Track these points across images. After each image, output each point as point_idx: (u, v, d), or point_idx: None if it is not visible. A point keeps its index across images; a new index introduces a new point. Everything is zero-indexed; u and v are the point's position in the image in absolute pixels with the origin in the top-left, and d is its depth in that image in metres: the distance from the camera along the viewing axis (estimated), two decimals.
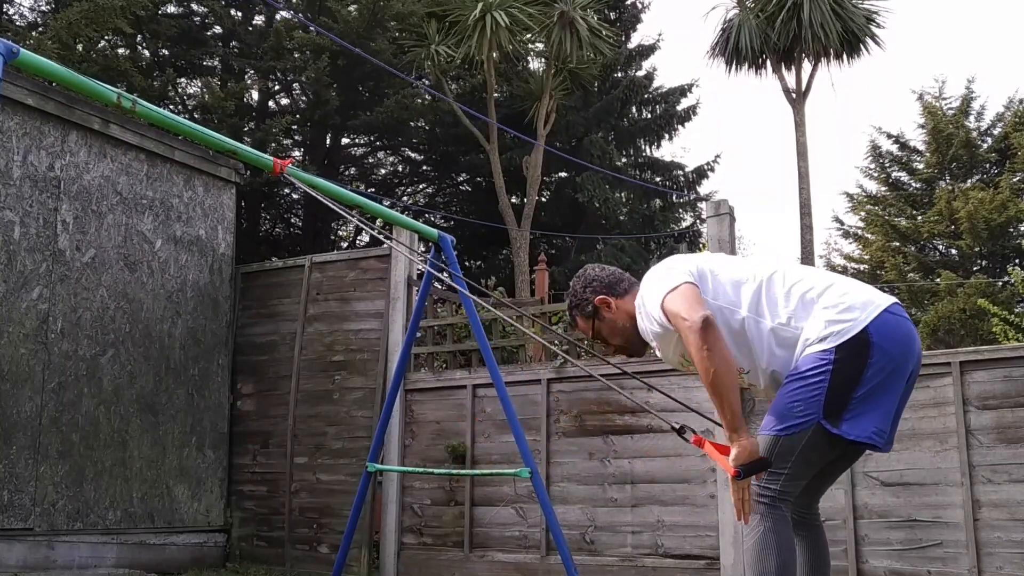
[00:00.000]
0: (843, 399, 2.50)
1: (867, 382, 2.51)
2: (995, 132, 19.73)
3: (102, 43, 11.90)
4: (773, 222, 47.21)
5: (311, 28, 13.14)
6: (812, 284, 2.67)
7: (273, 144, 13.16)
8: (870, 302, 2.60)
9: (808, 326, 2.59)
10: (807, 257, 16.19)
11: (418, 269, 7.16)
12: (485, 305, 5.31)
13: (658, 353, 2.89)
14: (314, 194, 3.89)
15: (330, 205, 3.85)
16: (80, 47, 10.63)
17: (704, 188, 18.86)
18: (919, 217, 19.53)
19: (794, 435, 2.54)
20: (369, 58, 11.31)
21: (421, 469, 6.64)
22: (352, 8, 13.64)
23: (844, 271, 20.06)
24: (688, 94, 18.34)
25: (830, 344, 2.53)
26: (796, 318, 2.62)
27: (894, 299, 2.66)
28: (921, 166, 20.27)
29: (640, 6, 18.71)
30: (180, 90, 14.61)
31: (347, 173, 17.18)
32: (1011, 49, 46.91)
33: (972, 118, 20.01)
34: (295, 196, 16.11)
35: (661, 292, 2.65)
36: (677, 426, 2.78)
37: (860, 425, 2.49)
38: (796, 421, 2.53)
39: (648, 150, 18.61)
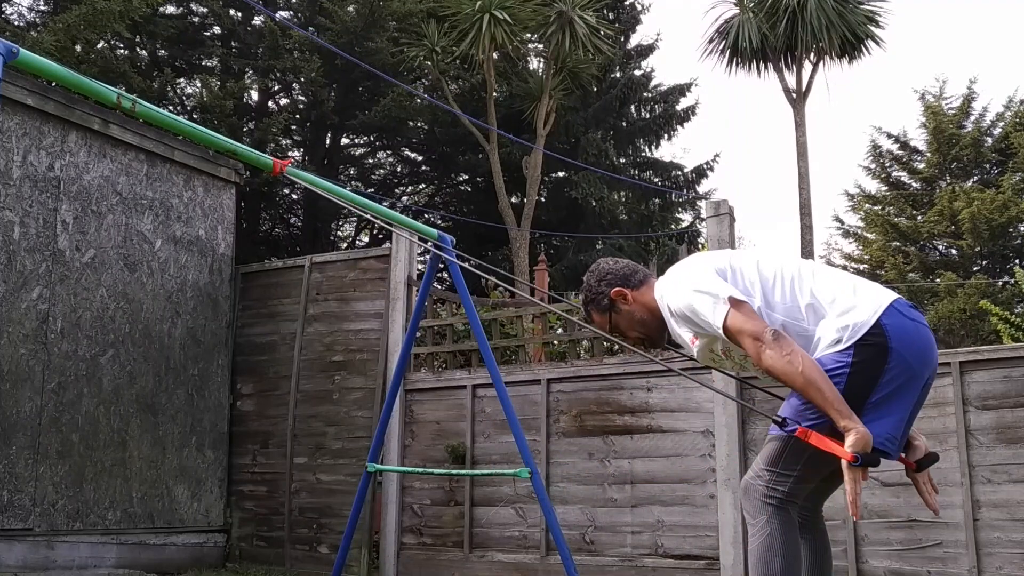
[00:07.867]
0: (858, 403, 2.46)
1: (882, 388, 2.48)
2: (995, 132, 19.69)
3: (101, 44, 11.87)
4: (773, 222, 47.22)
5: (307, 29, 13.13)
6: (821, 283, 2.65)
7: (272, 144, 13.14)
8: (877, 298, 2.58)
9: (820, 328, 2.58)
10: (807, 257, 16.21)
11: (418, 269, 7.16)
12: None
13: (683, 345, 2.84)
14: (317, 191, 3.91)
15: (335, 201, 3.88)
16: (79, 48, 10.61)
17: (703, 188, 18.88)
18: (919, 217, 19.51)
19: None
20: (358, 62, 11.29)
21: (421, 469, 6.63)
22: (351, 8, 13.62)
23: (844, 271, 19.98)
24: (687, 94, 18.37)
25: (846, 344, 2.50)
26: (805, 317, 2.61)
27: (897, 295, 2.65)
28: (922, 166, 20.25)
29: (640, 7, 18.72)
30: (179, 90, 14.60)
31: (346, 173, 17.18)
32: (1012, 48, 46.93)
33: (973, 118, 19.99)
34: (295, 196, 16.12)
35: (707, 306, 2.59)
36: (779, 418, 2.60)
37: (873, 430, 2.44)
38: (808, 423, 2.50)
39: (647, 150, 18.61)
